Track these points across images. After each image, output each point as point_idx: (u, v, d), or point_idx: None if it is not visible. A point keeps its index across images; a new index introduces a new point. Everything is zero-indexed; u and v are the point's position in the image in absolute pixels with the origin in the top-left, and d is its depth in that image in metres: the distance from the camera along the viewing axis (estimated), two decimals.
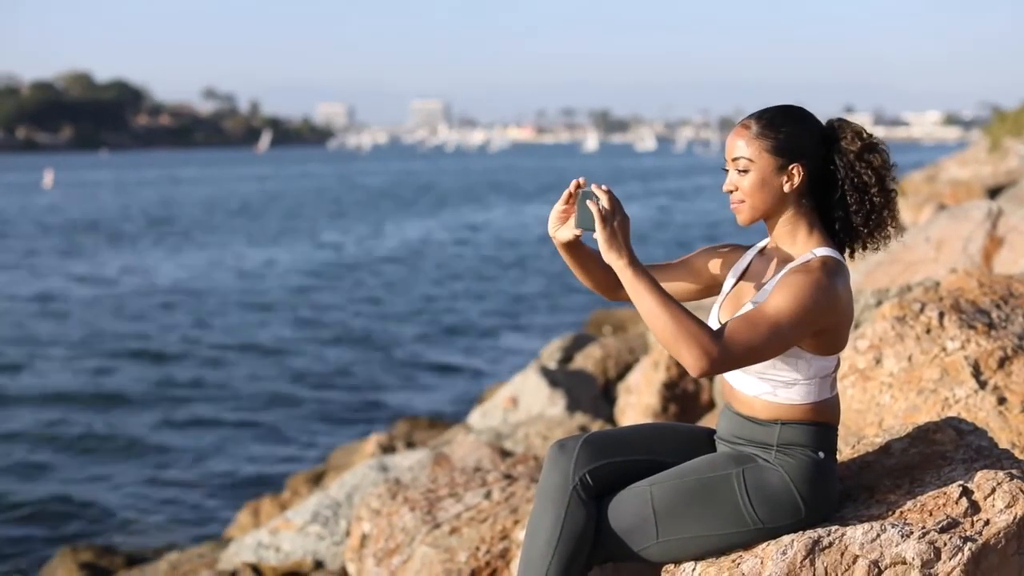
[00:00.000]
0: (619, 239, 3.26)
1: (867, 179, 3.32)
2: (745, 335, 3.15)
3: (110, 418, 15.87)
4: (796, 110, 3.37)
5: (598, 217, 3.27)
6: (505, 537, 4.98)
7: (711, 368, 3.13)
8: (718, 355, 3.12)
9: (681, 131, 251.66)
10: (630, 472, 3.44)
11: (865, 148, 3.33)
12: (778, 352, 3.22)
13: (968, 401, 4.64)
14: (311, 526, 7.27)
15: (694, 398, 8.25)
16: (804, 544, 3.22)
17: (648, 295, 3.20)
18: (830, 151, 3.35)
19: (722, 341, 3.13)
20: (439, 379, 18.30)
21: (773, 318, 3.17)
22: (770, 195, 3.34)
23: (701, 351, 3.12)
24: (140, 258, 36.62)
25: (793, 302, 3.17)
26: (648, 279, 3.22)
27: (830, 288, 3.21)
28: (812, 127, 3.35)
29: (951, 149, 76.13)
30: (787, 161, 3.31)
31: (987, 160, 40.57)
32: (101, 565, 9.22)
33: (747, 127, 3.35)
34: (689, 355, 3.12)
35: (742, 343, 3.15)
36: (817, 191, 3.37)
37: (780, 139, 3.31)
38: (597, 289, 3.63)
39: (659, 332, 3.17)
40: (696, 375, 3.15)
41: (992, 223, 7.67)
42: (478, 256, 37.15)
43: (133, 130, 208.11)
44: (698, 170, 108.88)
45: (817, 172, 3.35)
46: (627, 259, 3.24)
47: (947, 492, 3.40)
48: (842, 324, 3.30)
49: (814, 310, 3.19)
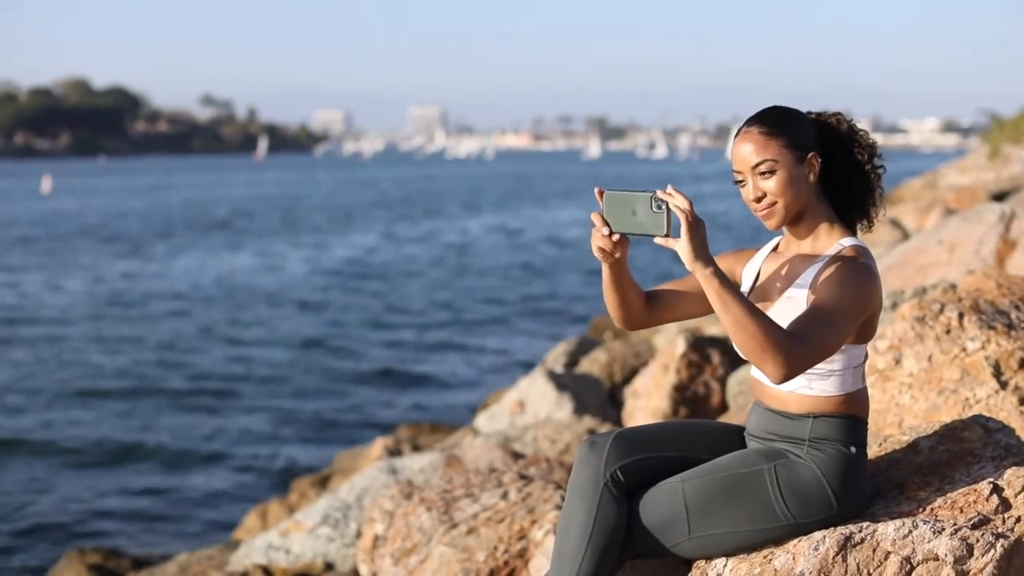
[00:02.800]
0: (705, 248, 3.16)
1: (860, 157, 3.40)
2: (817, 334, 3.12)
3: (116, 421, 15.86)
4: (787, 107, 3.42)
5: (685, 224, 3.13)
6: (523, 537, 4.96)
7: (795, 371, 3.10)
8: (802, 358, 3.09)
9: (680, 138, 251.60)
10: (661, 468, 3.42)
11: (851, 130, 3.42)
12: (840, 345, 3.20)
13: (989, 401, 4.63)
14: (321, 528, 7.27)
15: (705, 401, 8.24)
16: (836, 540, 3.21)
17: (736, 305, 3.10)
18: (824, 138, 3.40)
19: (801, 346, 3.09)
20: (435, 386, 18.27)
21: (835, 312, 3.16)
22: (800, 189, 3.34)
23: (786, 356, 3.07)
24: (156, 261, 36.69)
25: (848, 293, 3.19)
26: (734, 289, 3.15)
27: (873, 274, 3.26)
28: (805, 120, 3.40)
29: (949, 156, 76.23)
30: (805, 152, 3.34)
31: (987, 167, 40.59)
32: (109, 567, 9.21)
33: (754, 132, 3.34)
34: (775, 362, 3.07)
35: (817, 342, 3.12)
36: (825, 178, 3.43)
37: (792, 133, 3.33)
38: (624, 317, 3.53)
39: (746, 342, 3.10)
40: (778, 382, 3.11)
41: (1005, 226, 7.67)
42: (486, 259, 37.15)
43: (131, 136, 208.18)
44: (713, 176, 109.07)
45: (824, 159, 3.41)
46: (713, 268, 3.14)
47: (977, 489, 3.39)
48: (879, 310, 3.35)
49: (866, 298, 3.22)
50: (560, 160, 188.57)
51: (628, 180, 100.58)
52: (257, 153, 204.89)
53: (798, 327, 3.13)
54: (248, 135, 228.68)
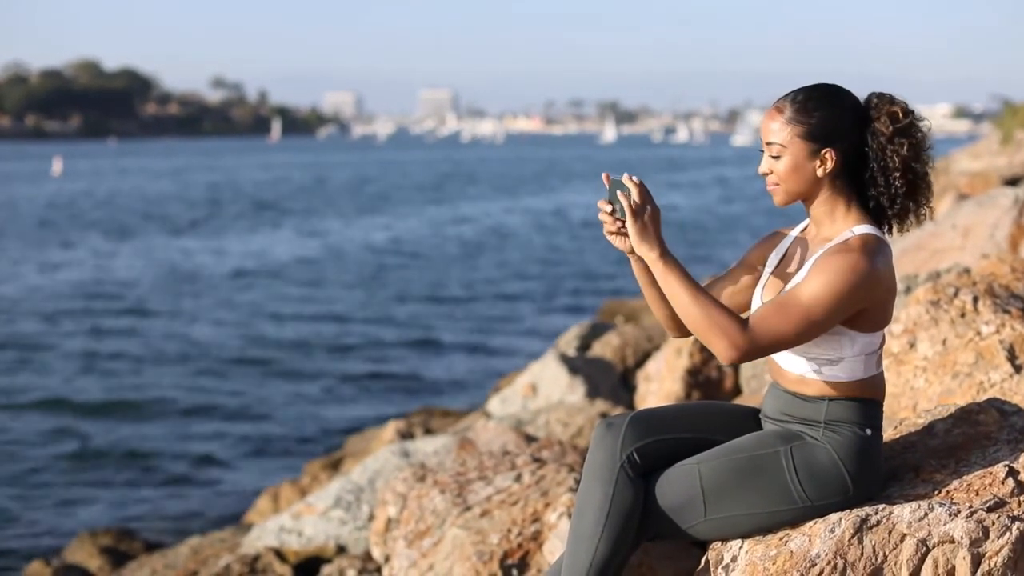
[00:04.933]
0: (651, 232, 3.26)
1: (891, 164, 3.28)
2: (774, 322, 3.17)
3: (127, 405, 15.90)
4: (831, 91, 3.33)
5: (628, 210, 3.26)
6: (537, 520, 4.96)
7: (740, 357, 3.18)
8: (746, 345, 3.16)
9: (693, 122, 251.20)
10: (677, 450, 3.43)
11: (896, 132, 3.28)
12: (813, 336, 3.22)
13: (1003, 385, 4.62)
14: (333, 511, 7.27)
15: (718, 384, 8.22)
16: (852, 522, 3.22)
17: (680, 289, 3.22)
18: (864, 131, 3.31)
19: (750, 330, 3.17)
20: (447, 369, 18.29)
21: (805, 303, 3.17)
22: (803, 179, 3.32)
23: (729, 342, 3.16)
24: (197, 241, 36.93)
25: (828, 286, 3.16)
26: (680, 272, 3.23)
27: (868, 267, 3.19)
28: (846, 109, 3.30)
29: (962, 142, 75.86)
30: (820, 146, 3.29)
31: (1000, 152, 40.41)
32: (121, 549, 9.23)
33: (780, 110, 3.32)
34: (718, 346, 3.17)
35: (771, 332, 3.17)
36: (853, 170, 3.34)
37: (812, 124, 3.28)
38: (669, 323, 3.53)
39: (690, 324, 3.21)
40: (727, 363, 3.20)
41: (1019, 211, 7.65)
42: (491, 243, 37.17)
43: (141, 119, 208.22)
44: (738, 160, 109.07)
45: (853, 151, 3.31)
46: (659, 251, 3.25)
47: (993, 472, 3.40)
48: (886, 301, 3.29)
49: (850, 292, 3.17)
50: (575, 144, 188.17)
51: (648, 164, 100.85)
52: (271, 136, 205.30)
53: (759, 313, 3.19)
54: (259, 117, 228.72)
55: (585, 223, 44.41)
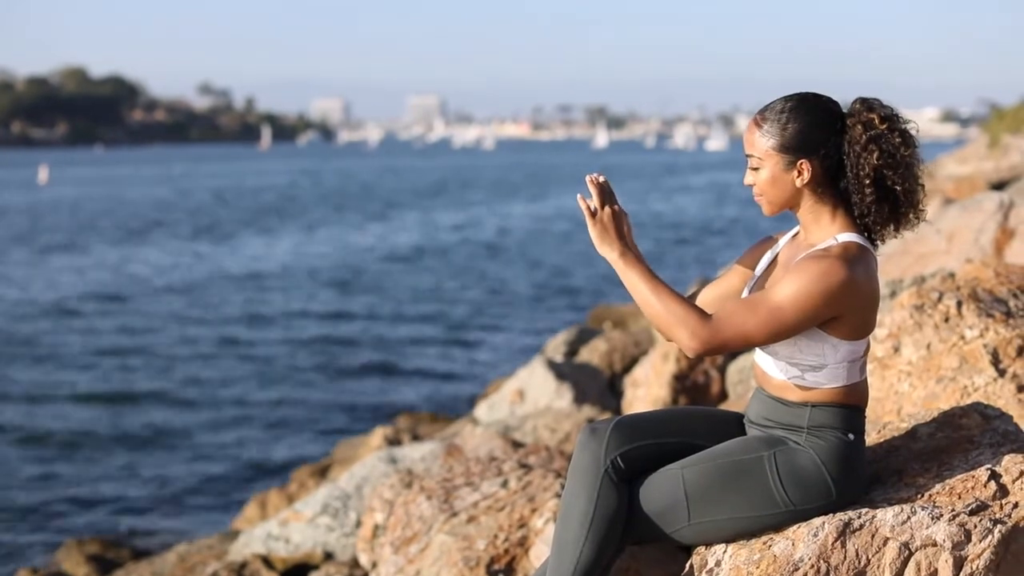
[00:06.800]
0: (610, 233, 3.29)
1: (862, 172, 3.26)
2: (739, 318, 3.20)
3: (114, 412, 15.88)
4: (807, 100, 3.31)
5: (587, 213, 3.30)
6: (523, 525, 4.97)
7: (702, 347, 3.21)
8: (707, 337, 3.20)
9: (680, 127, 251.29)
10: (661, 455, 3.44)
11: (870, 140, 3.25)
12: (781, 337, 3.23)
13: (987, 389, 4.63)
14: (321, 517, 7.27)
15: (704, 389, 8.25)
16: (835, 526, 3.23)
17: (639, 284, 3.26)
18: (842, 140, 3.29)
19: (712, 323, 3.20)
20: (435, 375, 18.27)
21: (775, 304, 3.19)
22: (783, 190, 3.34)
23: (689, 332, 3.20)
24: (185, 250, 36.80)
25: (799, 289, 3.18)
26: (640, 269, 3.27)
27: (844, 274, 3.18)
28: (823, 118, 3.28)
29: (949, 146, 76.11)
30: (795, 157, 3.29)
31: (987, 156, 40.54)
32: (108, 557, 9.22)
33: (758, 123, 3.34)
34: (679, 336, 3.21)
35: (734, 326, 3.20)
36: (837, 178, 3.33)
37: (786, 137, 3.29)
38: None
39: (652, 318, 3.26)
40: (690, 355, 3.23)
41: (1004, 215, 7.68)
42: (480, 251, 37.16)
43: (128, 125, 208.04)
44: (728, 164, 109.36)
45: (834, 160, 3.30)
46: (618, 251, 3.28)
47: (975, 475, 3.41)
48: (865, 309, 3.27)
49: (822, 297, 3.18)
50: (567, 150, 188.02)
51: (645, 169, 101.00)
52: (262, 143, 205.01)
53: (725, 308, 3.23)
54: (246, 124, 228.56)
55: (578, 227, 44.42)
